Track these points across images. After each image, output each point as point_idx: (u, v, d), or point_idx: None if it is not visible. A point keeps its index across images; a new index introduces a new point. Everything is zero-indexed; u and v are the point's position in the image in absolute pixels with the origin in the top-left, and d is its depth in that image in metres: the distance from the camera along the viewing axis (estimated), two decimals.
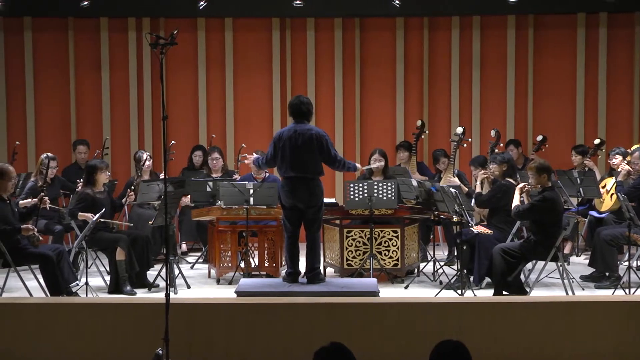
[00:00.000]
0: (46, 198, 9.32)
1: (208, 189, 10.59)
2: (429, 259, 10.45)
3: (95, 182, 9.74)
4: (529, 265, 9.56)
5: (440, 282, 9.65)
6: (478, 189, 9.91)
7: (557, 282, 9.35)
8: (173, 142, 11.13)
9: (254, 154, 9.79)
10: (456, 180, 10.53)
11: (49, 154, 10.76)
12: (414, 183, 10.21)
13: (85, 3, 12.17)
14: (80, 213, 9.51)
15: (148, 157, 11.22)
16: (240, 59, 13.19)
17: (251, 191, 9.83)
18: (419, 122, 11.86)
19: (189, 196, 10.89)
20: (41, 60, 13.13)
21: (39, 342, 7.10)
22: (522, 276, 9.21)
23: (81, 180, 10.14)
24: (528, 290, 9.04)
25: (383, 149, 10.63)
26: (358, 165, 9.49)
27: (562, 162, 11.94)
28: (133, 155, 11.70)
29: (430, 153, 12.32)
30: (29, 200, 9.87)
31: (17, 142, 11.94)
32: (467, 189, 10.55)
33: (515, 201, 9.11)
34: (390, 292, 9.22)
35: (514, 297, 8.57)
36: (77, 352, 7.07)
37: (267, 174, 10.96)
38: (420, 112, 13.03)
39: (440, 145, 12.30)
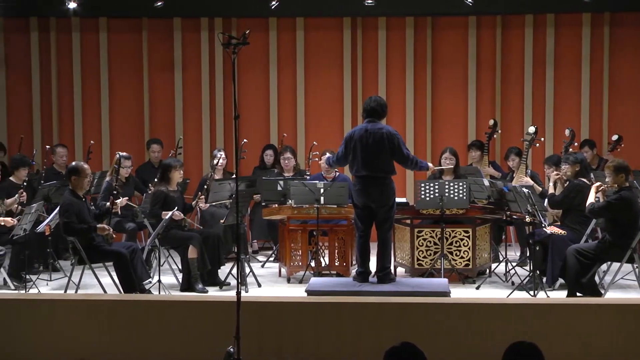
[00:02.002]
0: (117, 201, 9.45)
1: (279, 188, 10.61)
2: (501, 259, 10.35)
3: (169, 180, 9.85)
4: (604, 266, 9.41)
5: (513, 283, 9.54)
6: (551, 190, 9.77)
7: (633, 284, 9.19)
8: (245, 140, 11.17)
9: (326, 152, 9.72)
10: (529, 180, 10.39)
11: (124, 153, 10.91)
12: (486, 183, 10.11)
13: (159, 4, 12.30)
14: (163, 212, 9.58)
15: (223, 155, 11.29)
16: (312, 59, 13.22)
17: (322, 190, 9.84)
18: (491, 122, 11.74)
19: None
20: (115, 60, 13.32)
21: (112, 338, 7.19)
22: (596, 278, 9.06)
23: (155, 180, 10.26)
24: (602, 292, 8.89)
25: (454, 148, 10.55)
26: (430, 164, 9.45)
27: (638, 163, 11.70)
28: (211, 153, 11.77)
29: (502, 152, 12.19)
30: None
31: (91, 142, 12.12)
32: (540, 189, 10.41)
33: (590, 199, 8.95)
34: (461, 293, 9.15)
35: (588, 299, 8.44)
36: (149, 349, 7.14)
37: (338, 173, 10.96)
38: (492, 111, 12.90)
39: (513, 145, 12.16)
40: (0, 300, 7.61)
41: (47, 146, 12.21)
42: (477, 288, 9.50)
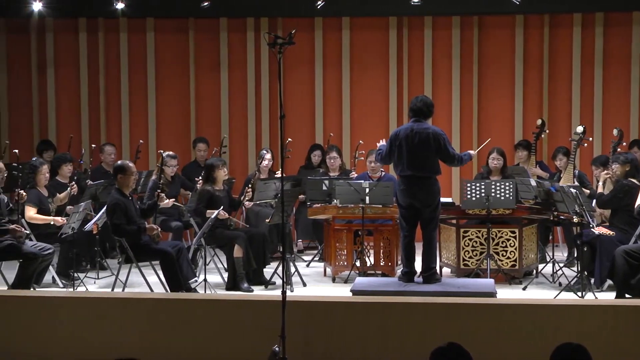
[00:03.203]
0: (163, 195, 9.53)
1: (324, 188, 10.62)
2: (548, 260, 10.26)
3: (214, 179, 9.90)
4: None
5: (560, 284, 9.45)
6: (600, 189, 9.67)
7: None
8: (289, 140, 11.19)
9: (382, 140, 9.60)
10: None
11: (169, 152, 10.99)
12: (533, 183, 10.03)
13: (206, 4, 12.36)
14: (208, 210, 9.66)
15: (268, 156, 11.29)
16: (357, 58, 13.20)
17: (367, 190, 9.82)
18: (539, 121, 11.64)
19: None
20: (162, 60, 13.42)
21: (158, 336, 7.23)
22: None
23: (200, 178, 10.33)
24: None
25: (501, 148, 10.48)
26: (471, 152, 9.41)
27: None
28: (256, 153, 11.81)
29: (549, 152, 12.08)
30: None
31: (140, 141, 12.21)
32: (588, 191, 10.30)
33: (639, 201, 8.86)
34: (507, 293, 9.09)
35: (637, 300, 8.34)
36: (195, 348, 7.17)
37: (383, 173, 10.95)
38: (539, 111, 12.80)
39: (560, 145, 12.04)
40: (49, 298, 7.70)
41: (93, 145, 12.32)
42: (524, 289, 9.43)
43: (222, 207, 9.53)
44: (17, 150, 10.04)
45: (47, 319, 7.37)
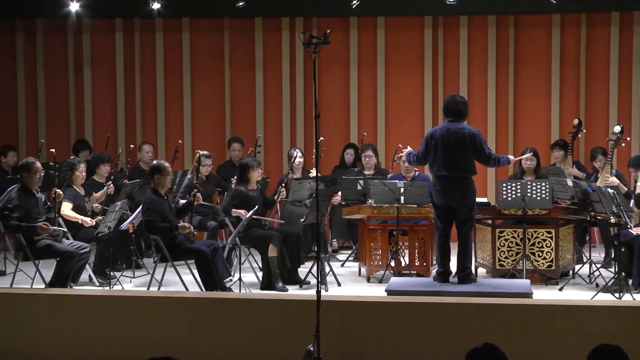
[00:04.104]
0: (199, 195, 9.57)
1: (359, 188, 10.61)
2: (585, 260, 10.17)
3: (248, 179, 9.93)
4: None
5: (597, 285, 9.37)
6: (638, 190, 9.57)
7: None
8: (321, 139, 11.18)
9: (407, 147, 9.66)
10: (615, 180, 10.18)
11: (204, 152, 11.03)
12: (569, 183, 9.96)
13: (241, 4, 12.40)
14: (233, 210, 9.72)
15: (299, 154, 11.31)
16: (392, 58, 13.17)
17: (402, 190, 9.80)
18: (575, 121, 11.54)
19: (339, 194, 10.94)
20: (198, 60, 13.47)
21: (194, 335, 7.26)
22: None
23: (235, 178, 10.37)
24: None
25: (535, 148, 10.42)
26: (511, 157, 9.36)
27: None
28: (287, 153, 11.83)
29: (586, 152, 11.99)
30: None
31: (179, 141, 12.27)
32: (625, 189, 10.20)
33: None
34: (543, 294, 9.01)
35: None
36: (229, 346, 7.20)
37: (417, 173, 10.91)
38: (576, 111, 12.70)
39: (598, 145, 11.95)
40: (85, 297, 7.76)
41: (132, 145, 12.39)
42: (560, 289, 9.35)
43: (256, 206, 9.55)
44: (53, 150, 10.12)
45: (83, 317, 7.43)
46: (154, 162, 9.66)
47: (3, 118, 13.59)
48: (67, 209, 9.81)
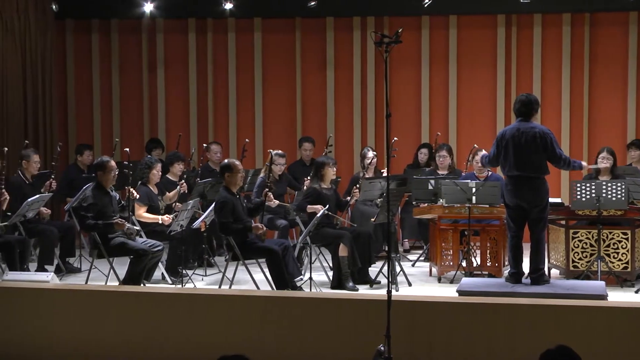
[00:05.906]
0: (270, 194, 9.61)
1: (430, 187, 10.55)
2: None
3: (322, 177, 9.94)
4: None
5: None
6: None
7: None
8: (395, 139, 11.15)
9: (482, 150, 9.57)
10: None
11: (278, 151, 11.08)
12: None
13: (312, 4, 12.43)
14: (309, 206, 9.73)
15: (373, 154, 11.28)
16: (464, 57, 13.09)
17: (473, 189, 9.72)
18: None
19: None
20: (269, 59, 13.54)
21: (265, 333, 7.29)
22: None
23: (308, 177, 10.38)
24: None
25: (611, 148, 10.24)
26: (584, 163, 9.20)
27: None
28: (362, 152, 11.83)
29: None
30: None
31: (246, 140, 12.34)
32: None
33: None
34: (619, 296, 8.86)
35: None
36: (300, 345, 7.20)
37: (490, 173, 10.82)
38: None
39: None
40: (158, 294, 7.84)
41: (204, 145, 12.51)
42: (637, 292, 9.18)
43: (327, 205, 9.55)
44: (127, 149, 10.25)
45: (156, 315, 7.50)
46: (225, 160, 9.72)
47: (79, 117, 13.83)
48: (142, 212, 9.95)
